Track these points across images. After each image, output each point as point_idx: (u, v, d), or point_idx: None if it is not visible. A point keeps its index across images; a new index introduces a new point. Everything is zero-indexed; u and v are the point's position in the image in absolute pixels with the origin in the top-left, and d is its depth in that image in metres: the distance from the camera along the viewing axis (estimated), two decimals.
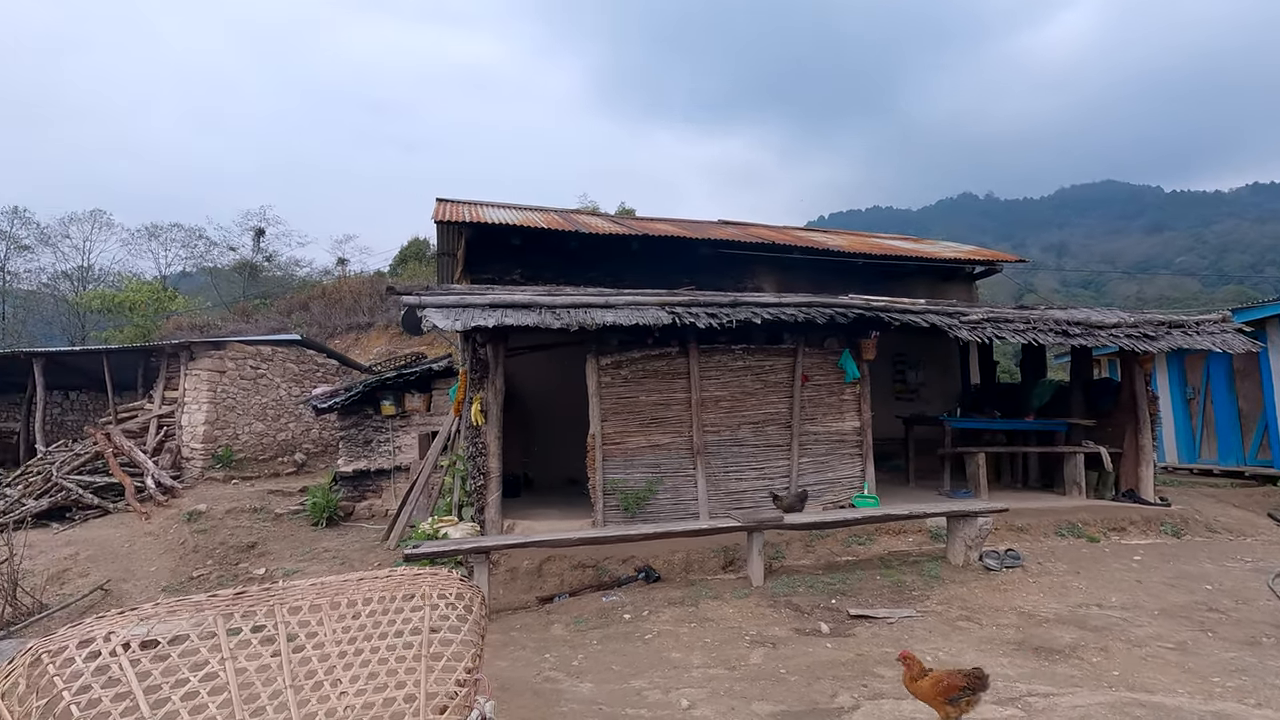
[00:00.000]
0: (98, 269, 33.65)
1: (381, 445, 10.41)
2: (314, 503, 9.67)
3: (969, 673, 3.36)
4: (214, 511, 9.99)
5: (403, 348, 19.12)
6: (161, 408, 12.04)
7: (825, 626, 5.31)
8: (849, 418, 8.28)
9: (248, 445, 12.43)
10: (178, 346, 11.99)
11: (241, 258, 33.94)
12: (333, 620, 2.69)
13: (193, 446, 11.67)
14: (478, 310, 6.95)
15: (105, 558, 8.82)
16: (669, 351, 7.76)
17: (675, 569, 6.88)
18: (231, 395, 12.14)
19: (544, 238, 10.88)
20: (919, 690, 3.39)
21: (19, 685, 2.16)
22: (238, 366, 12.26)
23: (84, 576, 8.31)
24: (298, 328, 20.19)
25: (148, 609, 2.46)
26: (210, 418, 11.74)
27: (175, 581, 8.18)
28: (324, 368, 14.18)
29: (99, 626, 2.33)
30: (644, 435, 7.68)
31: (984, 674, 3.38)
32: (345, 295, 23.63)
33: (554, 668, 4.76)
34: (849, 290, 9.61)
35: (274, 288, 32.16)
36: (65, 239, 32.34)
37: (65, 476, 10.22)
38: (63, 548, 8.99)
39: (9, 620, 7.20)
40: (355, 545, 8.77)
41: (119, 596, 7.81)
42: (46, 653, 2.23)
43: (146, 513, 9.89)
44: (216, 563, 8.62)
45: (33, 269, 32.50)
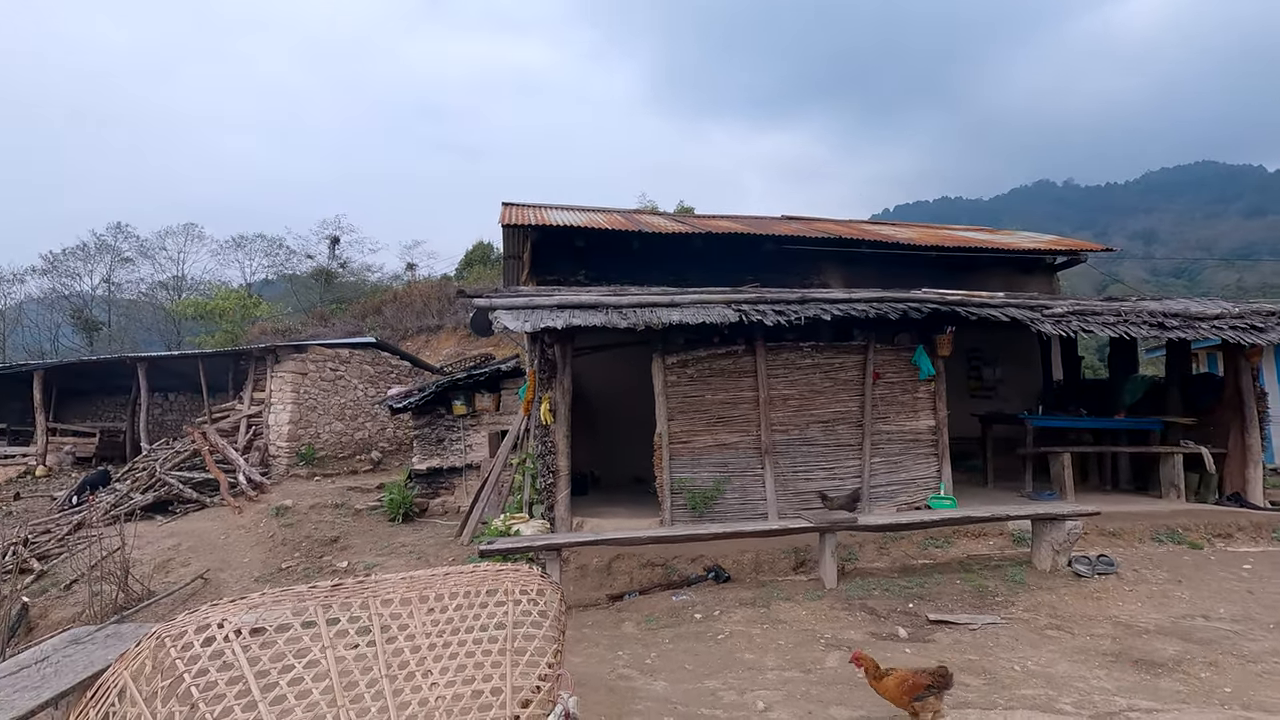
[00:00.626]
0: (190, 278, 35.94)
1: (453, 444, 10.72)
2: (391, 499, 10.05)
3: (934, 671, 3.36)
4: (299, 506, 10.51)
5: (471, 349, 19.65)
6: (250, 408, 12.76)
7: (903, 631, 5.15)
8: (923, 416, 8.01)
9: (328, 443, 13.02)
10: (264, 350, 12.69)
11: (318, 265, 35.56)
12: (422, 613, 2.78)
13: (279, 445, 12.32)
14: (546, 311, 7.06)
15: (204, 549, 9.41)
16: (735, 350, 7.69)
17: (745, 569, 6.82)
18: (313, 396, 12.75)
19: (607, 238, 10.97)
20: (883, 689, 3.41)
21: (146, 666, 2.33)
22: (318, 368, 12.87)
23: (185, 566, 8.88)
24: (372, 331, 21.04)
25: (255, 598, 2.61)
26: (294, 417, 12.36)
27: (266, 572, 8.65)
28: (397, 369, 14.71)
29: (214, 614, 2.49)
30: (711, 434, 7.64)
31: (949, 672, 3.38)
32: (415, 299, 24.46)
33: (627, 665, 4.79)
34: (919, 284, 9.30)
35: (348, 293, 33.58)
36: (162, 251, 34.73)
37: (167, 473, 10.97)
38: (166, 539, 9.64)
39: (122, 605, 7.78)
40: (430, 540, 9.07)
41: (217, 585, 8.32)
42: (169, 637, 2.39)
43: (239, 507, 10.50)
44: (303, 555, 9.06)
45: (134, 280, 35.05)
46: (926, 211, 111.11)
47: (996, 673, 4.33)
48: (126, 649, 3.66)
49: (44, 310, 33.49)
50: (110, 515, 10.27)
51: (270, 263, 37.01)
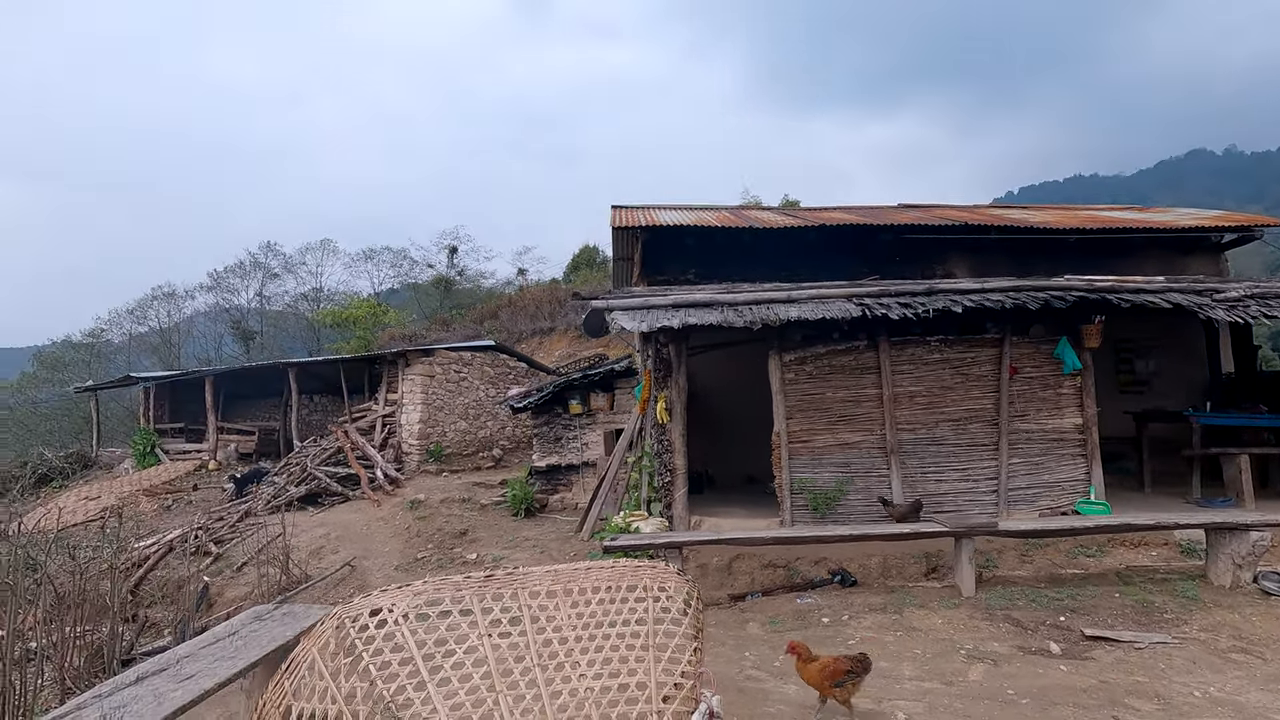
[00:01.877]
0: (327, 290, 39.09)
1: (570, 442, 11.04)
2: (513, 495, 10.49)
3: (855, 657, 3.66)
4: (430, 501, 11.19)
5: (582, 350, 20.18)
6: (385, 408, 13.75)
7: (1055, 646, 4.77)
8: (1068, 413, 7.38)
9: (454, 441, 13.79)
10: (396, 354, 13.63)
11: (438, 273, 37.72)
12: (567, 606, 2.87)
13: (410, 442, 13.19)
14: (661, 311, 7.12)
15: (349, 538, 10.23)
16: (856, 346, 7.42)
17: (872, 573, 6.57)
18: (439, 396, 13.55)
19: (716, 236, 10.92)
20: (806, 674, 3.62)
21: (330, 644, 2.55)
22: (444, 371, 13.66)
23: (334, 553, 9.69)
24: (490, 334, 22.09)
25: (419, 585, 2.79)
26: (423, 417, 13.19)
27: (404, 561, 9.27)
28: (515, 370, 15.35)
29: (384, 599, 2.69)
30: (831, 433, 7.41)
31: (868, 659, 3.67)
32: (528, 303, 25.44)
33: (755, 666, 4.74)
34: (1057, 271, 8.58)
35: (465, 299, 35.42)
36: (302, 265, 38.04)
37: (316, 468, 12.03)
38: (317, 528, 10.56)
39: (284, 587, 8.59)
40: (552, 535, 9.38)
41: (362, 572, 9.01)
42: (348, 618, 2.61)
43: (378, 500, 11.33)
44: (435, 547, 9.63)
45: (281, 292, 38.61)
46: (1058, 192, 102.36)
47: (1172, 698, 3.92)
48: (303, 626, 4.02)
49: (210, 322, 37.67)
50: (271, 506, 11.40)
51: (395, 273, 39.67)
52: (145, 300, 36.33)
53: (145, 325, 36.58)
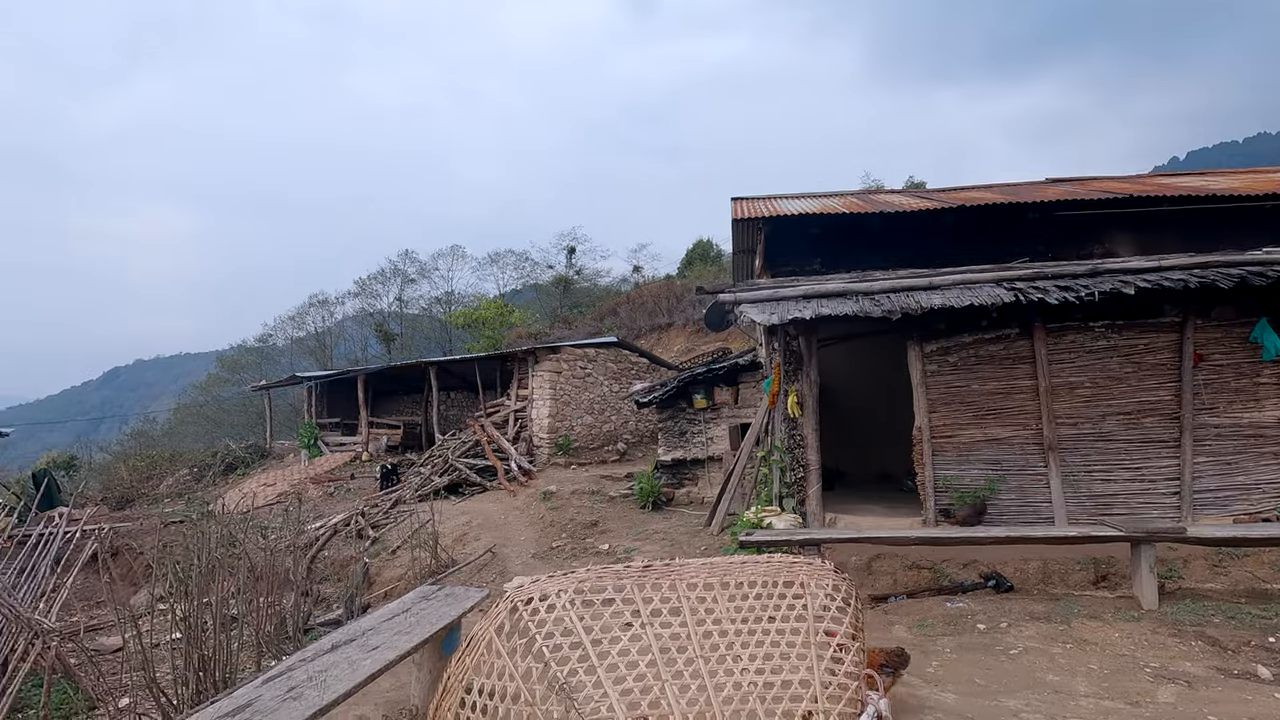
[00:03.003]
0: (457, 293, 41.57)
1: (695, 436, 11.08)
2: (640, 488, 10.67)
3: (892, 651, 3.76)
4: (562, 492, 11.63)
5: (700, 344, 20.17)
6: (516, 403, 14.42)
7: (1265, 671, 4.20)
8: (1268, 406, 6.47)
9: (580, 435, 14.24)
10: (526, 352, 14.26)
11: (557, 274, 39.06)
12: (724, 599, 2.88)
13: (540, 436, 13.76)
14: (792, 303, 6.95)
15: (488, 526, 10.83)
16: (1007, 334, 6.88)
17: (1029, 579, 6.10)
18: (566, 392, 14.03)
19: (842, 224, 10.53)
20: None
21: (505, 626, 2.71)
22: (570, 367, 14.13)
23: (476, 540, 10.29)
24: (610, 331, 22.59)
25: (582, 573, 2.90)
26: (552, 411, 13.71)
27: (540, 550, 9.69)
28: (636, 366, 15.61)
29: (551, 585, 2.82)
30: (979, 428, 6.94)
31: (906, 654, 3.80)
32: (646, 299, 25.76)
33: (907, 671, 4.53)
34: (1242, 245, 7.57)
35: (583, 297, 36.46)
36: (435, 270, 40.68)
37: (457, 460, 12.85)
38: (460, 516, 11.26)
39: (434, 570, 9.24)
40: (680, 529, 9.46)
41: (502, 559, 9.51)
42: (520, 602, 2.76)
43: (513, 491, 11.91)
44: (569, 536, 10.00)
45: (417, 296, 41.53)
46: (1237, 154, 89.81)
47: None
48: (464, 607, 4.30)
49: (357, 325, 41.26)
50: (418, 494, 12.29)
51: (518, 274, 41.52)
52: (303, 307, 40.43)
53: (303, 330, 40.70)
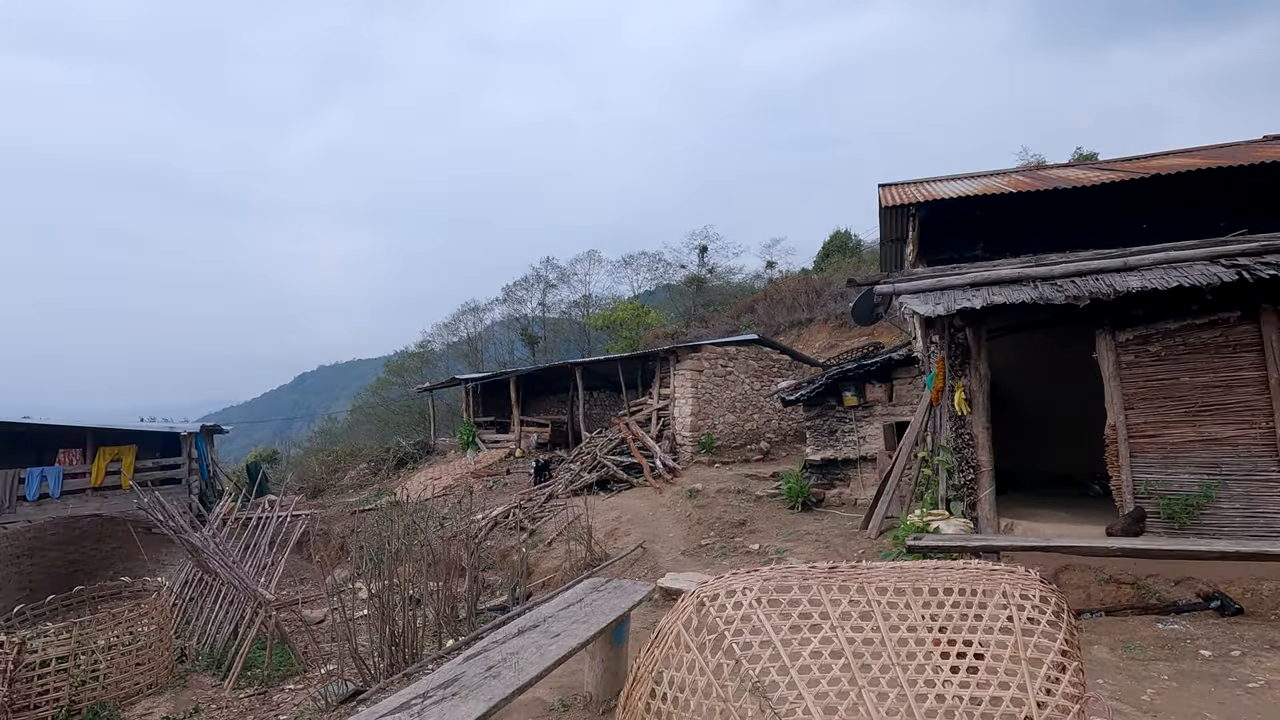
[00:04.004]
0: (594, 296, 42.98)
1: (846, 435, 10.66)
2: (789, 488, 10.44)
3: None
4: (707, 490, 11.64)
5: (844, 340, 19.42)
6: (658, 402, 14.64)
7: None
8: None
9: (722, 433, 14.18)
10: (667, 351, 14.44)
11: (690, 273, 39.26)
12: (918, 605, 2.72)
13: (683, 434, 13.86)
14: (958, 292, 6.50)
15: (637, 522, 11.07)
16: (1225, 318, 5.99)
17: (1264, 602, 5.27)
18: (708, 390, 14.04)
19: (1008, 204, 9.72)
20: None
21: (693, 621, 2.73)
22: (711, 365, 14.12)
23: (626, 535, 10.55)
24: (747, 328, 22.34)
25: (767, 571, 2.87)
26: (694, 410, 13.78)
27: (689, 547, 9.75)
28: (778, 363, 15.30)
29: (737, 581, 2.81)
30: (1191, 426, 6.09)
31: None
32: (784, 295, 25.21)
33: (1115, 697, 4.07)
34: None
35: (716, 295, 36.37)
36: (574, 275, 42.33)
37: (605, 457, 13.26)
38: (609, 511, 11.60)
39: (589, 563, 9.60)
40: (834, 530, 9.14)
41: (652, 555, 9.68)
42: (706, 598, 2.77)
43: (659, 488, 12.10)
44: (717, 535, 9.98)
45: (557, 301, 43.43)
46: None
47: None
48: (633, 600, 4.40)
49: (504, 330, 43.90)
50: (569, 489, 12.82)
51: (652, 275, 42.23)
52: (457, 315, 43.67)
53: (457, 335, 43.94)
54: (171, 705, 7.91)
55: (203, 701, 8.00)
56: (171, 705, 7.91)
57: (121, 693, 8.05)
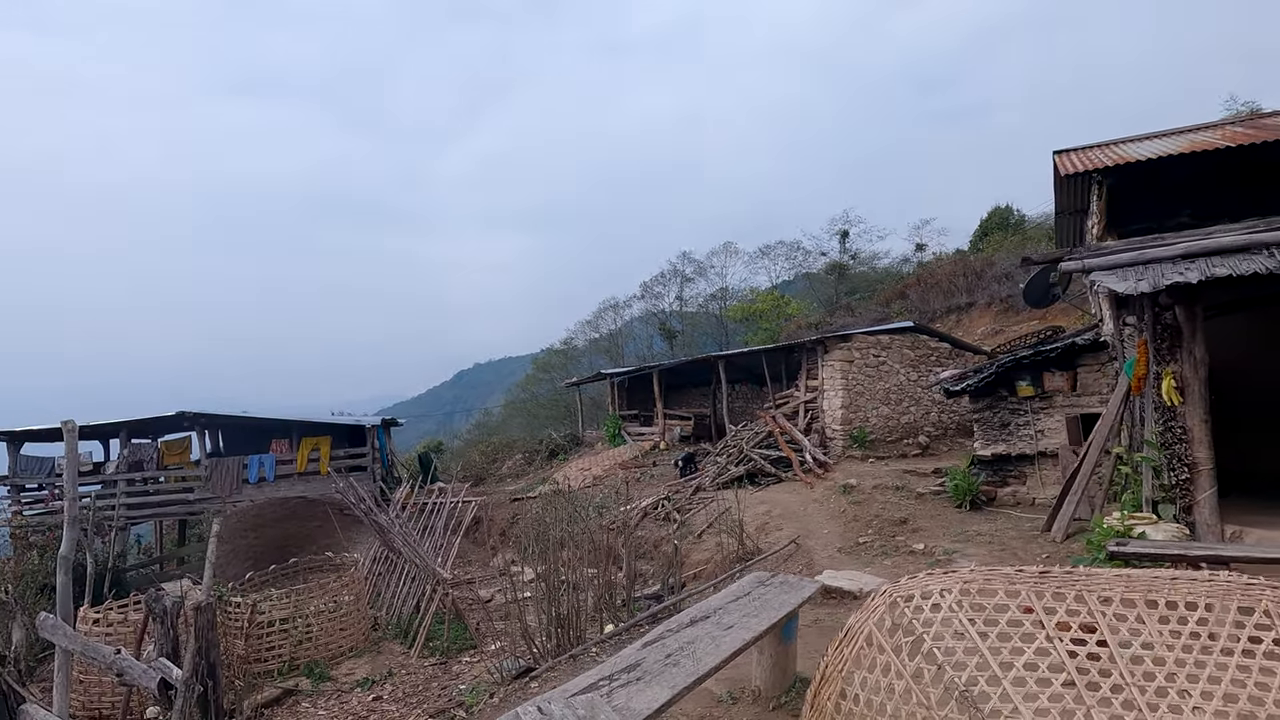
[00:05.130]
0: (730, 288, 42.57)
1: (1020, 429, 9.75)
2: (954, 485, 9.73)
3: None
4: (862, 486, 11.14)
5: (1011, 325, 17.79)
6: (805, 395, 14.22)
7: None
8: None
9: (876, 427, 13.51)
10: (814, 342, 13.98)
11: (831, 260, 37.76)
12: (1154, 620, 2.41)
13: (833, 428, 13.37)
14: (1168, 264, 5.70)
15: (788, 516, 10.83)
16: None
17: None
18: (859, 382, 13.42)
19: (1223, 162, 8.41)
20: None
21: (885, 621, 2.60)
22: (862, 355, 13.48)
23: (778, 530, 10.36)
24: (899, 316, 21.11)
25: (964, 573, 2.67)
26: (844, 402, 13.24)
27: (845, 544, 9.39)
28: (936, 351, 14.32)
29: (934, 582, 2.64)
30: None
31: None
32: (939, 278, 23.53)
33: None
34: None
35: (859, 282, 34.70)
36: (711, 268, 42.16)
37: (751, 450, 13.10)
38: (758, 505, 11.44)
39: (741, 556, 9.53)
40: (1009, 532, 8.40)
41: (807, 551, 9.43)
42: (900, 597, 2.63)
43: (810, 483, 11.76)
44: (875, 532, 9.52)
45: (694, 295, 43.50)
46: None
47: None
48: (802, 596, 4.29)
49: (642, 325, 44.72)
50: (716, 482, 12.81)
51: (790, 264, 41.11)
52: (598, 312, 45.04)
53: (598, 332, 45.36)
54: (369, 667, 8.87)
55: (394, 666, 8.89)
56: (369, 667, 8.87)
57: (329, 653, 9.13)
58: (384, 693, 7.97)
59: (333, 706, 7.84)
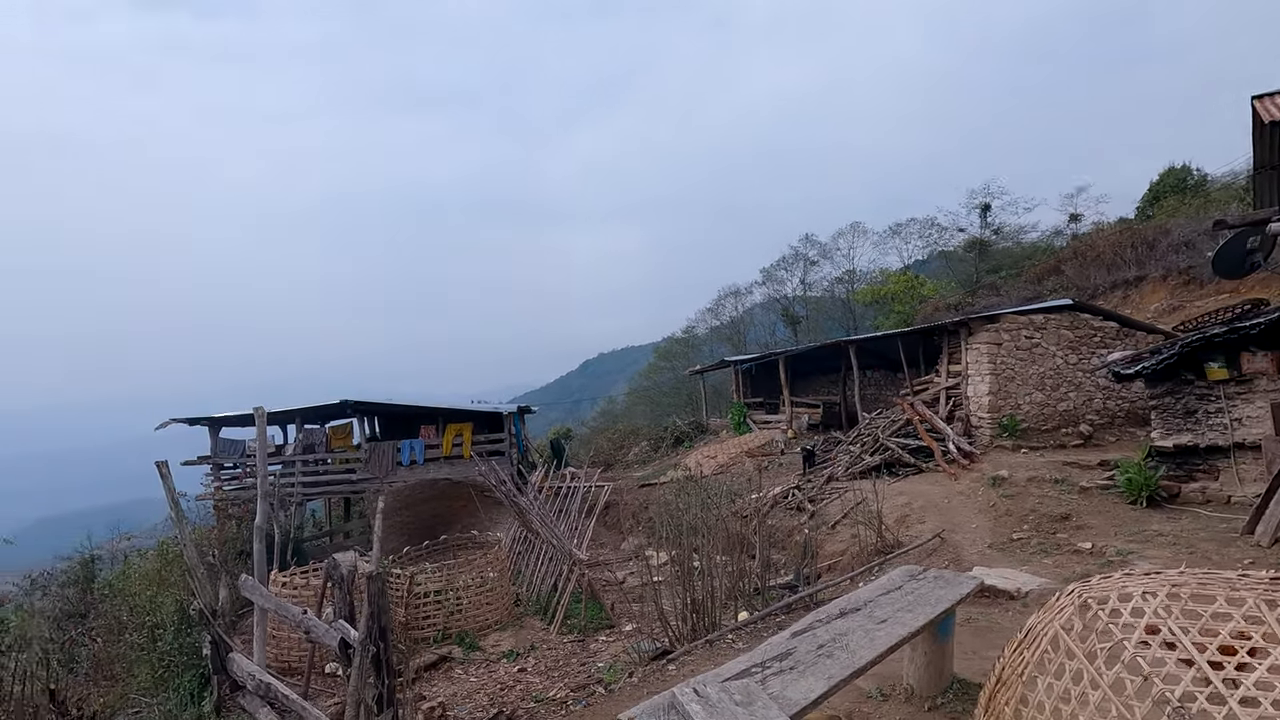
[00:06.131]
0: (858, 270, 40.71)
1: (1210, 417, 8.57)
2: (1128, 479, 8.74)
3: None
4: (1015, 478, 10.30)
5: (1192, 299, 15.68)
6: (947, 380, 13.33)
7: None
8: None
9: (1028, 415, 12.42)
10: (956, 324, 13.05)
11: (970, 236, 35.07)
12: None
13: (979, 415, 12.44)
14: None
15: (930, 509, 10.23)
16: None
17: None
18: (1009, 366, 12.38)
19: None
20: None
21: (1074, 624, 2.37)
22: (1012, 338, 12.41)
23: (920, 523, 9.82)
24: (1053, 294, 19.26)
25: (1173, 574, 2.37)
26: (992, 388, 12.26)
27: (997, 540, 8.73)
28: (1100, 331, 12.90)
29: (1134, 583, 2.36)
30: None
31: None
32: (1101, 250, 21.16)
33: None
34: None
35: (1002, 259, 31.98)
36: (836, 250, 40.56)
37: (888, 439, 12.49)
38: (896, 496, 10.89)
39: (880, 549, 9.13)
40: (1199, 533, 7.43)
41: (953, 546, 8.86)
42: (1092, 599, 2.38)
43: (954, 474, 11.03)
44: (1031, 528, 8.78)
45: (818, 279, 42.03)
46: None
47: None
48: (960, 593, 4.02)
49: (764, 312, 43.94)
50: (850, 472, 12.34)
51: (924, 243, 38.69)
52: (718, 299, 44.75)
53: (719, 319, 45.05)
54: (513, 640, 9.39)
55: (535, 640, 9.35)
56: (513, 640, 9.39)
57: (476, 624, 9.77)
58: (528, 665, 8.41)
59: (482, 674, 8.38)
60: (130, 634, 10.03)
